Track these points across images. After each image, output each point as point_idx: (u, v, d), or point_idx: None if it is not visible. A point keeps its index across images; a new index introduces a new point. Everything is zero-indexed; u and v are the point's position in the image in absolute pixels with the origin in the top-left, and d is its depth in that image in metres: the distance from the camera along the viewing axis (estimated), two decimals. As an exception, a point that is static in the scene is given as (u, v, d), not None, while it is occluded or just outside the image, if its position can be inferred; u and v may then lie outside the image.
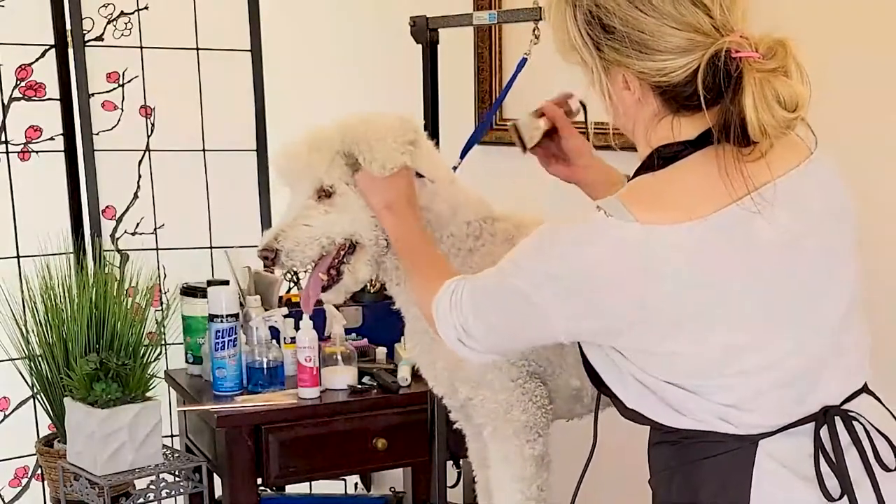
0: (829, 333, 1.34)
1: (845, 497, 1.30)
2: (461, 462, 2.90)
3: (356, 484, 3.38)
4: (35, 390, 2.90)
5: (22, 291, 2.86)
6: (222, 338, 2.61)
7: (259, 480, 2.58)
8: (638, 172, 1.35)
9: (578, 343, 1.41)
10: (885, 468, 1.34)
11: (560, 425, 2.01)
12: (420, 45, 2.39)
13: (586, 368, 1.43)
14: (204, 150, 3.29)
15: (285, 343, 2.67)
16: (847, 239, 1.38)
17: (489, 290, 1.43)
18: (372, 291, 2.99)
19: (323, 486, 3.26)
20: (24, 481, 3.18)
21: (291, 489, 3.12)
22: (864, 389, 1.41)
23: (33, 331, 2.80)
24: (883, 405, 1.43)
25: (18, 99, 3.08)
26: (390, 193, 1.75)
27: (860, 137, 2.17)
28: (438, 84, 2.44)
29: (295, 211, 1.81)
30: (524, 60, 1.39)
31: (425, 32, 2.36)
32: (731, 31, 1.28)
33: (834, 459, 1.31)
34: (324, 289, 1.84)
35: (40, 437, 2.99)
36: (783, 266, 1.30)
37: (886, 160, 2.16)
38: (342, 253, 1.82)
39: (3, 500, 3.15)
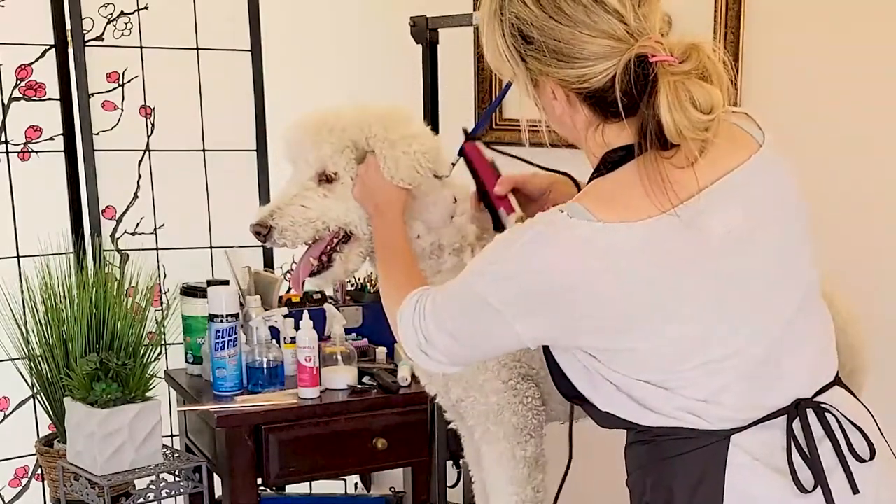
0: (785, 321, 1.36)
1: (819, 489, 1.31)
2: (461, 462, 2.90)
3: (356, 484, 3.38)
4: (35, 390, 2.89)
5: (22, 291, 2.86)
6: (222, 338, 2.61)
7: (259, 480, 2.58)
8: (592, 177, 1.37)
9: (546, 354, 1.42)
10: (860, 459, 1.35)
11: (556, 426, 2.00)
12: (420, 45, 2.40)
13: (554, 379, 1.45)
14: (204, 150, 3.29)
15: (285, 343, 2.67)
16: (799, 227, 1.39)
17: (451, 297, 1.43)
18: (372, 291, 2.99)
19: (323, 486, 3.26)
20: (24, 481, 3.18)
21: (291, 489, 3.12)
22: (837, 382, 1.42)
23: (33, 331, 2.80)
24: (856, 397, 1.45)
25: (18, 99, 3.07)
26: (383, 197, 1.76)
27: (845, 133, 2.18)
28: (438, 84, 2.45)
29: (294, 189, 1.80)
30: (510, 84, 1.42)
31: (425, 32, 2.36)
32: (646, 36, 1.29)
33: (807, 451, 1.33)
34: (312, 274, 1.83)
35: (40, 437, 2.99)
36: (737, 259, 1.32)
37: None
38: (335, 241, 1.82)
39: (3, 500, 3.15)
